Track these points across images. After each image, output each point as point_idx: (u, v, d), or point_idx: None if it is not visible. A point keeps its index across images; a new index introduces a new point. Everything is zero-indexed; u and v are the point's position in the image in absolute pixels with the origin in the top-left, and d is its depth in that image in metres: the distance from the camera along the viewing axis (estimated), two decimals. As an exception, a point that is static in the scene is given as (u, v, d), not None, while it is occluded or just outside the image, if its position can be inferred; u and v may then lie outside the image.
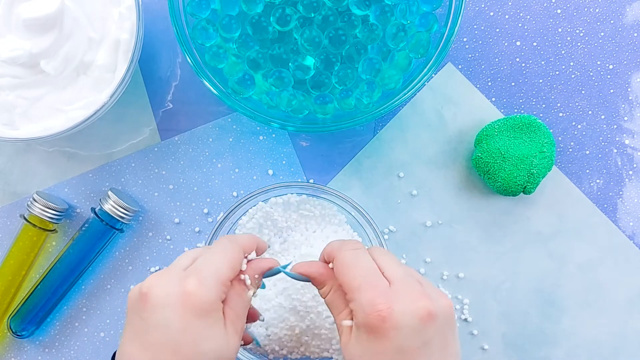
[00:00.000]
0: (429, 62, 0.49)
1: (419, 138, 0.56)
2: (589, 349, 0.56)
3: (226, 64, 0.50)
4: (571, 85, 0.56)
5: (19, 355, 0.56)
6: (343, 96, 0.50)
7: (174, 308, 0.34)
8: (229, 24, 0.49)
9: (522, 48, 0.56)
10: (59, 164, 0.57)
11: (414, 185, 0.56)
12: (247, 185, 0.57)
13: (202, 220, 0.57)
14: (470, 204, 0.56)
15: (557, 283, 0.56)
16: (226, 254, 0.38)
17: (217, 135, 0.56)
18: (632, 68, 0.55)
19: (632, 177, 0.56)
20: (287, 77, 0.49)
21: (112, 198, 0.53)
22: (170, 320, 0.34)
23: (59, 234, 0.56)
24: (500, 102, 0.56)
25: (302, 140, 0.57)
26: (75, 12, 0.48)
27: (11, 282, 0.55)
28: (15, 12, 0.48)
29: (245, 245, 0.40)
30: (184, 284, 0.35)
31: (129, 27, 0.49)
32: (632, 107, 0.56)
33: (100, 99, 0.49)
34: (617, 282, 0.56)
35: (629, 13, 0.55)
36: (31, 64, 0.48)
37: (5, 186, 0.57)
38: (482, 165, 0.53)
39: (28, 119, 0.49)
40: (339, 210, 0.54)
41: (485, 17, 0.56)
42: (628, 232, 0.56)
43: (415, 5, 0.49)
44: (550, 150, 0.53)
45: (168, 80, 0.56)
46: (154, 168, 0.57)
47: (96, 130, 0.56)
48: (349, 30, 0.48)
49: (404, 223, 0.56)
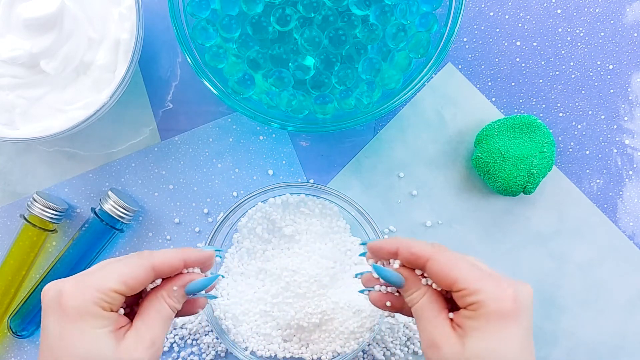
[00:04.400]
0: (429, 62, 0.49)
1: (419, 138, 0.56)
2: (589, 349, 0.56)
3: (226, 64, 0.50)
4: (571, 85, 0.56)
5: (19, 355, 0.56)
6: (343, 96, 0.50)
7: (54, 312, 0.36)
8: (229, 24, 0.49)
9: (522, 48, 0.56)
10: (59, 164, 0.57)
11: (414, 185, 0.56)
12: (247, 185, 0.57)
13: (202, 220, 0.57)
14: (470, 204, 0.56)
15: (557, 283, 0.56)
16: (123, 268, 0.37)
17: (217, 135, 0.56)
18: (632, 68, 0.55)
19: (632, 177, 0.56)
20: (287, 77, 0.49)
21: (112, 198, 0.53)
22: (50, 324, 0.36)
23: (59, 234, 0.56)
24: (500, 102, 0.56)
25: (302, 140, 0.57)
26: (75, 12, 0.48)
27: (11, 282, 0.55)
28: (15, 12, 0.48)
29: (162, 262, 0.38)
30: (61, 286, 0.36)
31: (129, 27, 0.49)
32: (632, 107, 0.56)
33: (100, 99, 0.49)
34: (617, 282, 0.56)
35: (629, 13, 0.55)
36: (31, 64, 0.48)
37: (5, 186, 0.57)
38: (482, 165, 0.53)
39: (28, 119, 0.49)
40: (340, 210, 0.54)
41: (485, 17, 0.56)
42: (628, 232, 0.56)
43: (415, 5, 0.49)
44: (550, 150, 0.53)
45: (168, 80, 0.56)
46: (154, 168, 0.57)
47: (96, 130, 0.56)
48: (349, 30, 0.48)
49: (404, 223, 0.56)
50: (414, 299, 0.39)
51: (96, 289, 0.36)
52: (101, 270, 0.37)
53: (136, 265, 0.37)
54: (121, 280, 0.36)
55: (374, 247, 0.41)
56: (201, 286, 0.40)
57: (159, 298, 0.39)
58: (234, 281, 0.54)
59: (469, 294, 0.36)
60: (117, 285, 0.36)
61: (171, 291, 0.39)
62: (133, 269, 0.37)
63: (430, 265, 0.38)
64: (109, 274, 0.37)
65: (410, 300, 0.39)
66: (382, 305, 0.42)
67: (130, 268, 0.37)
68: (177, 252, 0.39)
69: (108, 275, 0.37)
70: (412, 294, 0.39)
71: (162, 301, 0.39)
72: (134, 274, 0.37)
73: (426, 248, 0.39)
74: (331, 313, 0.51)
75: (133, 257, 0.38)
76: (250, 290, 0.53)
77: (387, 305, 0.41)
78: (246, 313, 0.53)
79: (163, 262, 0.38)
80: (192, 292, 0.40)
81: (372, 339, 0.52)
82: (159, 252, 0.39)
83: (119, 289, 0.36)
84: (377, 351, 0.54)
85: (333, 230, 0.54)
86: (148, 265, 0.38)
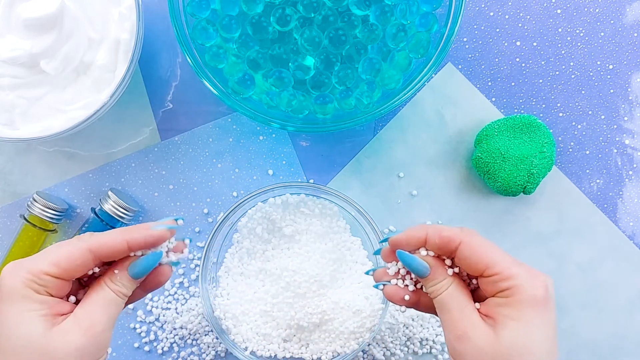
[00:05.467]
0: (429, 62, 0.49)
1: (419, 138, 0.56)
2: (589, 349, 0.56)
3: (226, 64, 0.50)
4: (571, 85, 0.56)
5: (19, 355, 0.56)
6: (343, 96, 0.50)
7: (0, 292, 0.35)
8: (229, 24, 0.49)
9: (522, 48, 0.56)
10: (59, 164, 0.57)
11: (414, 186, 0.56)
12: (247, 185, 0.57)
13: (202, 220, 0.57)
14: (470, 204, 0.56)
15: (557, 283, 0.56)
16: (57, 250, 0.36)
17: (217, 135, 0.56)
18: (632, 68, 0.55)
19: (632, 177, 0.56)
20: (287, 77, 0.49)
21: (112, 198, 0.53)
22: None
23: (59, 234, 0.56)
24: (500, 102, 0.56)
25: (302, 140, 0.57)
26: (75, 12, 0.48)
27: (11, 282, 0.55)
28: (15, 12, 0.48)
29: (100, 244, 0.36)
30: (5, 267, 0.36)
31: (129, 27, 0.49)
32: (632, 107, 0.56)
33: (100, 99, 0.49)
34: (617, 282, 0.56)
35: (629, 13, 0.55)
36: (31, 64, 0.48)
37: (5, 186, 0.57)
38: (482, 165, 0.53)
39: (28, 119, 0.49)
40: (340, 210, 0.54)
41: (485, 17, 0.56)
42: (628, 232, 0.56)
43: (415, 5, 0.49)
44: (550, 150, 0.53)
45: (168, 80, 0.56)
46: (154, 168, 0.57)
47: (96, 130, 0.56)
48: (349, 30, 0.48)
49: (404, 223, 0.56)
50: (439, 289, 0.38)
51: (27, 271, 0.35)
52: (42, 252, 0.36)
53: (71, 247, 0.36)
54: (53, 262, 0.35)
55: (399, 239, 0.39)
56: (142, 267, 0.37)
57: (100, 283, 0.37)
58: (234, 281, 0.54)
59: (503, 278, 0.35)
60: (48, 267, 0.35)
61: (113, 276, 0.37)
62: (67, 251, 0.36)
63: (462, 249, 0.36)
64: (42, 255, 0.36)
65: (434, 291, 0.38)
66: (399, 299, 0.40)
67: (65, 250, 0.36)
68: (119, 231, 0.37)
69: (41, 257, 0.36)
70: (436, 283, 0.38)
71: (104, 286, 0.37)
72: (68, 255, 0.35)
73: (457, 232, 0.37)
74: (331, 313, 0.51)
75: (72, 240, 0.37)
76: (250, 290, 0.53)
77: (406, 299, 0.40)
78: (246, 313, 0.53)
79: (101, 243, 0.36)
80: (137, 274, 0.37)
81: (372, 339, 0.52)
82: (100, 233, 0.37)
83: (50, 271, 0.35)
84: (377, 351, 0.54)
85: (333, 230, 0.54)
86: (84, 247, 0.36)
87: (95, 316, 0.36)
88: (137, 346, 0.56)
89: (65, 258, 0.36)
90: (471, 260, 0.36)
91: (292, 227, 0.53)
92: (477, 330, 0.36)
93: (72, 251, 0.36)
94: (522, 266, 0.36)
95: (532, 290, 0.35)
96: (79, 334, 0.35)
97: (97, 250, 0.36)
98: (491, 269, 0.36)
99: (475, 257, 0.36)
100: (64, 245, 0.36)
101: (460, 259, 0.37)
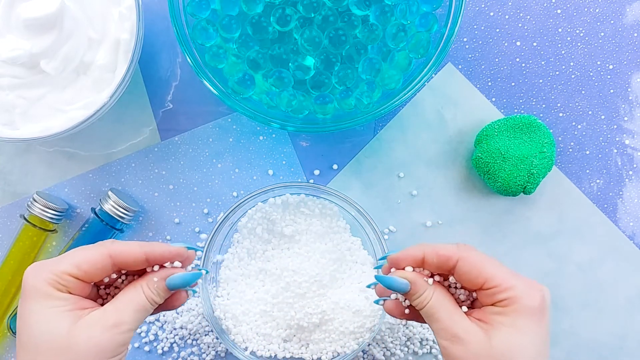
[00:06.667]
0: (429, 62, 0.49)
1: (419, 138, 0.56)
2: (589, 349, 0.56)
3: (226, 64, 0.50)
4: (571, 85, 0.56)
5: (19, 355, 0.56)
6: (343, 96, 0.50)
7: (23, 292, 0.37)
8: (229, 24, 0.49)
9: (522, 48, 0.56)
10: (59, 164, 0.57)
11: (414, 186, 0.56)
12: (247, 186, 0.57)
13: (202, 220, 0.57)
14: (470, 204, 0.56)
15: (557, 283, 0.56)
16: (80, 252, 0.38)
17: (217, 135, 0.56)
18: (632, 68, 0.55)
19: (632, 177, 0.56)
20: (287, 77, 0.49)
21: (112, 198, 0.53)
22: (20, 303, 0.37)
23: (59, 234, 0.56)
24: (500, 102, 0.56)
25: (302, 140, 0.57)
26: (75, 12, 0.48)
27: (11, 282, 0.55)
28: (15, 12, 0.48)
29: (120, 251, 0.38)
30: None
31: (129, 27, 0.49)
32: (632, 107, 0.56)
33: (100, 99, 0.49)
34: (617, 282, 0.56)
35: (629, 13, 0.55)
36: (31, 64, 0.48)
37: (5, 186, 0.57)
38: (482, 165, 0.53)
39: (28, 119, 0.49)
40: (340, 210, 0.54)
41: (485, 17, 0.56)
42: (628, 232, 0.56)
43: (415, 5, 0.49)
44: (550, 150, 0.53)
45: (168, 80, 0.56)
46: (154, 168, 0.57)
47: (96, 130, 0.56)
48: (349, 30, 0.48)
49: (404, 223, 0.56)
50: (423, 300, 0.39)
51: (50, 271, 0.37)
52: (65, 254, 0.38)
53: (93, 251, 0.38)
54: (75, 263, 0.37)
55: (398, 258, 0.40)
56: (182, 281, 0.40)
57: (136, 287, 0.39)
58: (234, 281, 0.54)
59: (501, 290, 0.37)
60: (70, 268, 0.37)
61: (151, 282, 0.39)
62: (89, 254, 0.38)
63: (460, 266, 0.38)
64: (64, 257, 0.38)
65: (419, 303, 0.39)
66: (399, 313, 0.41)
67: (87, 253, 0.38)
68: (139, 244, 0.39)
69: (63, 259, 0.38)
70: (419, 296, 0.39)
71: (139, 290, 0.39)
72: (89, 259, 0.37)
73: (453, 249, 0.39)
74: (331, 313, 0.51)
75: (95, 245, 0.39)
76: (250, 290, 0.53)
77: (406, 313, 0.41)
78: (246, 313, 0.53)
79: (121, 251, 0.38)
80: (174, 286, 0.39)
81: (372, 339, 0.52)
82: (121, 242, 0.39)
83: (71, 272, 0.37)
84: (377, 351, 0.54)
85: (333, 230, 0.54)
86: (105, 252, 0.38)
87: (124, 315, 0.37)
88: (137, 346, 0.56)
89: (86, 261, 0.37)
90: (470, 276, 0.38)
91: (292, 227, 0.53)
92: (470, 334, 0.37)
93: (93, 255, 0.38)
94: (520, 278, 0.37)
95: (529, 300, 0.36)
96: (101, 329, 0.36)
97: (116, 257, 0.38)
98: (490, 282, 0.37)
99: (474, 273, 0.37)
100: (86, 248, 0.38)
101: (459, 274, 0.38)
